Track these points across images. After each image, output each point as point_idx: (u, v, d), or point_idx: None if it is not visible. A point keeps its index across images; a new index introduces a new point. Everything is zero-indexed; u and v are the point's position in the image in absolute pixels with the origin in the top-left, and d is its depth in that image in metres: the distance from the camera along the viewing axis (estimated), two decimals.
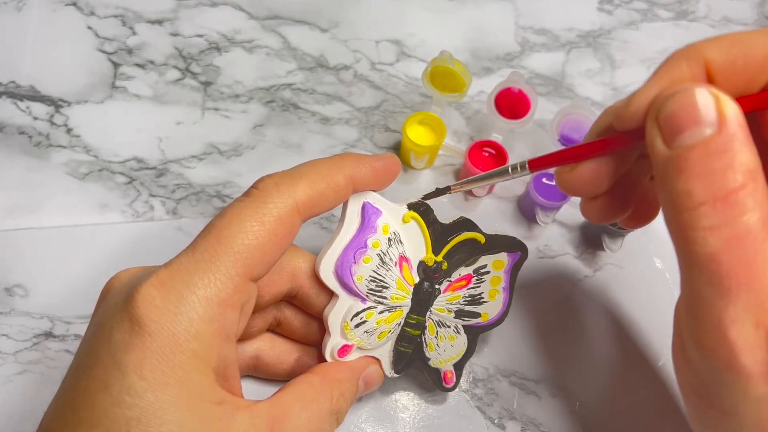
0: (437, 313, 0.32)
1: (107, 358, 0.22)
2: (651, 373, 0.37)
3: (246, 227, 0.24)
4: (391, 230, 0.30)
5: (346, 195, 0.28)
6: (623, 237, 0.38)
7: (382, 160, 0.30)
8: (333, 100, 0.44)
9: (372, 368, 0.31)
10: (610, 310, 0.39)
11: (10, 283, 0.37)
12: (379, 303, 0.30)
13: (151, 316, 0.22)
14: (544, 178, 0.39)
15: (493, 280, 0.32)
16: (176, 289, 0.23)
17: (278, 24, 0.46)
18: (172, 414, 0.21)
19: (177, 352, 0.22)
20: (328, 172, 0.27)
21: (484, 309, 0.32)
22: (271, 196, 0.25)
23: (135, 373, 0.21)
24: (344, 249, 0.29)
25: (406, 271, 0.31)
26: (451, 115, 0.44)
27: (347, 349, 0.30)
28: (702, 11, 0.49)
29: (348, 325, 0.30)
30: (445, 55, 0.37)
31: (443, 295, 0.32)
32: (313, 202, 0.26)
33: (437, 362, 0.32)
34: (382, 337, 0.31)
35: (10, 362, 0.35)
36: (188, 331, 0.22)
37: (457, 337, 0.32)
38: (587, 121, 0.38)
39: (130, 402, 0.21)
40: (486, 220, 0.41)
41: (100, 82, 0.43)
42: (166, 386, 0.22)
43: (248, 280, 0.25)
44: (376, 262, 0.30)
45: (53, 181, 0.40)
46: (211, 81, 0.43)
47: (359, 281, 0.29)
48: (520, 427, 0.35)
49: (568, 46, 0.47)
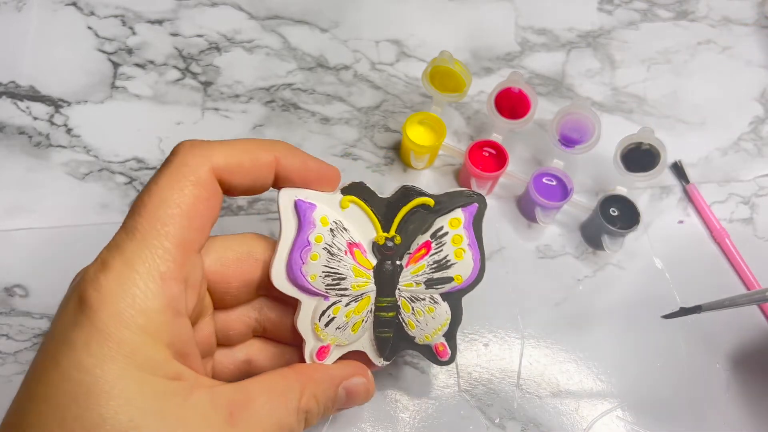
0: (406, 289, 0.31)
1: (58, 336, 0.23)
2: (651, 373, 0.37)
3: (166, 197, 0.24)
4: (330, 220, 0.29)
5: (268, 176, 0.28)
6: (623, 237, 0.38)
7: (319, 164, 0.29)
8: (333, 100, 0.44)
9: (357, 380, 0.30)
10: (610, 310, 0.39)
11: (10, 283, 0.37)
12: (342, 296, 0.30)
13: (95, 294, 0.23)
14: (544, 178, 0.39)
15: (455, 239, 0.30)
16: (116, 268, 0.23)
17: (278, 24, 0.46)
18: (120, 387, 0.22)
19: (122, 328, 0.22)
20: (253, 146, 0.27)
21: (455, 271, 0.30)
22: (186, 159, 0.25)
23: (83, 349, 0.22)
24: (289, 252, 0.29)
25: (359, 257, 0.30)
26: (451, 115, 0.44)
27: (325, 350, 0.30)
28: (702, 11, 0.49)
29: (318, 326, 0.29)
30: (445, 55, 0.37)
31: (406, 269, 0.30)
32: (231, 168, 0.26)
33: (423, 338, 0.31)
34: (356, 329, 0.30)
35: (10, 362, 0.35)
36: (132, 307, 0.23)
37: (436, 307, 0.31)
38: (587, 121, 0.38)
39: (78, 377, 0.22)
40: (486, 220, 0.41)
41: (100, 82, 0.43)
42: (113, 361, 0.22)
43: (185, 250, 0.24)
44: (324, 257, 0.29)
45: (53, 181, 0.40)
46: (211, 81, 0.43)
47: (313, 280, 0.29)
48: (520, 427, 0.35)
49: (568, 46, 0.47)
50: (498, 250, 0.40)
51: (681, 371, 0.37)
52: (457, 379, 0.36)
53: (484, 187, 0.40)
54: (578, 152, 0.38)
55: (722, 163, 0.44)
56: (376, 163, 0.42)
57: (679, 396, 0.37)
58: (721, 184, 0.43)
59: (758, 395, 0.37)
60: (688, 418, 0.36)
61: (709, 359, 0.38)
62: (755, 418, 0.36)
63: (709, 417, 0.36)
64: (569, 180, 0.39)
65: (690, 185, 0.42)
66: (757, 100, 0.46)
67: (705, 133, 0.45)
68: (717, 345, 0.38)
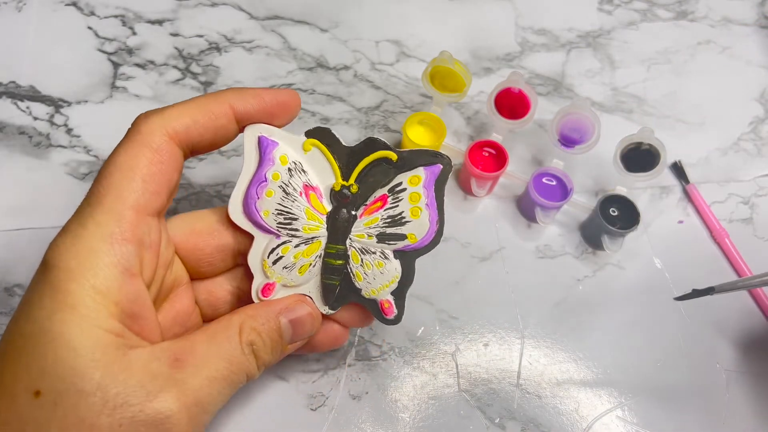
0: (358, 240, 0.30)
1: (22, 299, 0.24)
2: (651, 373, 0.37)
3: (120, 162, 0.26)
4: (290, 160, 0.30)
5: (229, 125, 0.28)
6: (623, 237, 0.38)
7: (273, 93, 0.29)
8: (333, 100, 0.44)
9: (297, 306, 0.29)
10: (610, 310, 0.39)
11: (10, 283, 0.37)
12: (293, 236, 0.30)
13: (54, 255, 0.24)
14: (544, 178, 0.39)
15: (412, 196, 0.30)
16: (72, 231, 0.25)
17: (278, 24, 0.46)
18: (64, 336, 0.23)
19: (70, 281, 0.23)
20: (204, 101, 0.28)
21: (409, 229, 0.30)
22: (140, 128, 0.27)
23: (35, 304, 0.23)
24: (247, 186, 0.29)
25: (314, 200, 0.30)
26: (451, 115, 0.44)
27: (270, 287, 0.30)
28: (702, 11, 0.49)
29: (266, 262, 0.30)
30: (445, 55, 0.37)
31: (360, 219, 0.30)
32: (187, 127, 0.27)
33: (370, 292, 0.30)
34: (303, 272, 0.30)
35: None
36: (82, 265, 0.24)
37: (385, 263, 0.30)
38: (587, 121, 0.38)
39: (28, 329, 0.23)
40: (486, 220, 0.41)
41: (100, 82, 0.43)
42: (59, 311, 0.23)
43: (139, 213, 0.25)
44: (279, 195, 0.29)
45: (53, 181, 0.40)
46: (211, 81, 0.43)
47: (266, 216, 0.29)
48: (520, 427, 0.35)
49: (568, 46, 0.47)
50: (498, 250, 0.40)
51: (681, 371, 0.37)
52: (457, 379, 0.36)
53: (484, 187, 0.40)
54: (578, 152, 0.38)
55: (722, 163, 0.44)
56: None
57: (679, 395, 0.37)
58: (721, 184, 0.43)
59: (758, 395, 0.37)
60: (688, 417, 0.36)
61: (709, 359, 0.38)
62: (756, 417, 0.36)
63: (709, 416, 0.36)
64: (569, 180, 0.39)
65: (690, 185, 0.42)
66: (756, 100, 0.46)
67: (705, 133, 0.45)
68: (717, 344, 0.38)
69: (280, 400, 0.34)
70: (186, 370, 0.24)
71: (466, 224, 0.40)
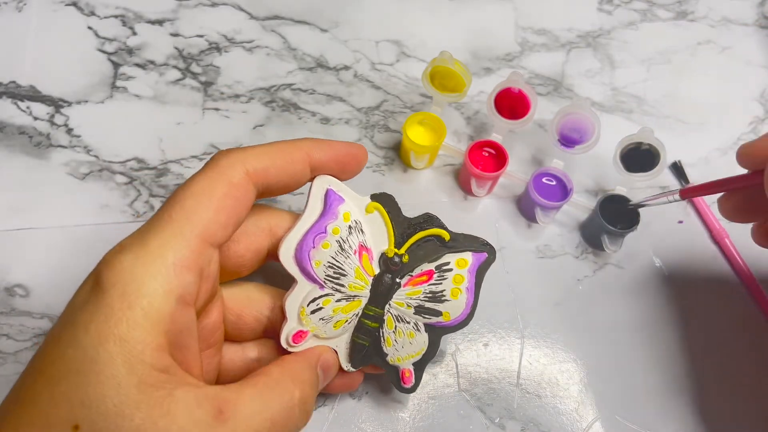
0: (396, 307, 0.31)
1: (65, 316, 0.23)
2: (651, 373, 0.37)
3: (196, 191, 0.25)
4: (352, 218, 0.30)
5: (303, 171, 0.29)
6: (623, 237, 0.38)
7: (346, 146, 0.30)
8: (333, 100, 0.44)
9: (327, 355, 0.30)
10: (610, 310, 0.39)
11: (10, 283, 0.37)
12: (336, 290, 0.30)
13: (108, 275, 0.23)
14: (544, 178, 0.39)
15: (456, 278, 0.31)
16: (133, 251, 0.24)
17: (278, 24, 0.46)
18: (110, 370, 0.22)
19: (124, 308, 0.22)
20: (284, 145, 0.28)
21: (446, 308, 0.31)
22: (220, 161, 0.27)
23: (82, 327, 0.22)
24: (305, 234, 0.30)
25: (365, 261, 0.31)
26: (451, 115, 0.44)
27: (302, 335, 0.30)
28: (702, 11, 0.49)
29: (304, 310, 0.30)
30: (445, 55, 0.37)
31: (403, 288, 0.31)
32: (266, 168, 0.27)
33: (395, 359, 0.32)
34: (338, 327, 0.31)
35: (11, 362, 0.35)
36: (139, 290, 0.23)
37: (416, 334, 0.31)
38: (587, 121, 0.38)
39: (72, 354, 0.22)
40: (486, 220, 0.41)
41: (100, 82, 0.43)
42: (107, 341, 0.22)
43: (205, 242, 0.25)
44: (335, 248, 0.30)
45: (53, 181, 0.40)
46: (211, 81, 0.43)
47: (317, 266, 0.30)
48: (520, 427, 0.35)
49: (568, 46, 0.47)
50: (498, 250, 0.40)
51: (681, 370, 0.37)
52: (457, 379, 0.36)
53: (484, 187, 0.40)
54: (578, 152, 0.38)
55: (722, 163, 0.44)
56: (376, 163, 0.42)
57: (679, 395, 0.37)
58: None
59: (758, 395, 0.37)
60: (689, 418, 0.36)
61: (709, 358, 0.38)
62: (758, 417, 0.36)
63: (711, 415, 0.36)
64: (569, 180, 0.39)
65: (690, 185, 0.42)
66: (756, 100, 0.46)
67: (705, 133, 0.45)
68: (717, 343, 0.38)
69: None
70: (228, 425, 0.23)
71: (466, 224, 0.40)
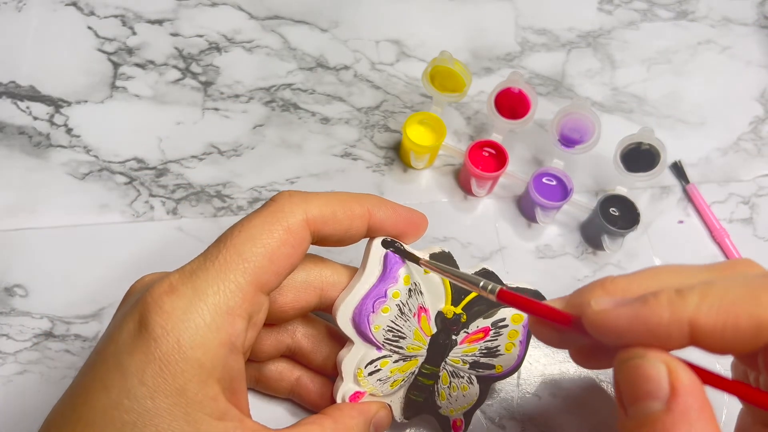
0: (452, 364, 0.31)
1: (111, 359, 0.22)
2: None
3: (255, 235, 0.24)
4: (412, 281, 0.30)
5: (361, 228, 0.28)
6: (623, 237, 0.38)
7: (408, 212, 0.29)
8: (333, 100, 0.44)
9: (382, 413, 0.30)
10: None
11: (10, 283, 0.37)
12: (394, 352, 0.30)
13: (158, 320, 0.22)
14: (544, 178, 0.39)
15: (511, 333, 0.31)
16: (185, 295, 0.23)
17: (278, 24, 0.46)
18: (169, 423, 0.21)
19: (180, 360, 0.22)
20: (347, 198, 0.28)
21: (500, 361, 0.31)
22: (283, 207, 0.26)
23: (136, 377, 0.21)
24: (363, 297, 0.29)
25: (424, 322, 0.30)
26: (451, 115, 0.44)
27: (359, 395, 0.30)
28: (702, 11, 0.49)
29: (362, 372, 0.29)
30: (445, 55, 0.37)
31: (460, 346, 0.31)
32: (325, 218, 0.26)
33: (448, 411, 0.32)
34: (395, 386, 0.31)
35: (10, 362, 0.35)
36: (193, 339, 0.22)
37: (470, 387, 0.32)
38: (587, 121, 0.38)
39: (127, 405, 0.21)
40: (486, 220, 0.41)
41: (100, 82, 0.43)
42: (166, 394, 0.21)
43: (258, 290, 0.24)
44: (394, 312, 0.29)
45: (53, 181, 0.40)
46: (211, 81, 0.43)
47: (376, 330, 0.29)
48: (520, 427, 0.35)
49: (568, 46, 0.47)
50: (498, 249, 0.40)
51: None
52: None
53: (484, 187, 0.40)
54: (578, 152, 0.38)
55: (722, 163, 0.44)
56: (376, 163, 0.42)
57: None
58: (721, 184, 0.43)
59: None
60: None
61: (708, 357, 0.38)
62: None
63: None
64: (569, 180, 0.39)
65: (690, 185, 0.42)
66: (757, 100, 0.46)
67: (705, 133, 0.45)
68: None
69: (281, 399, 0.34)
70: None
71: (466, 224, 0.40)
